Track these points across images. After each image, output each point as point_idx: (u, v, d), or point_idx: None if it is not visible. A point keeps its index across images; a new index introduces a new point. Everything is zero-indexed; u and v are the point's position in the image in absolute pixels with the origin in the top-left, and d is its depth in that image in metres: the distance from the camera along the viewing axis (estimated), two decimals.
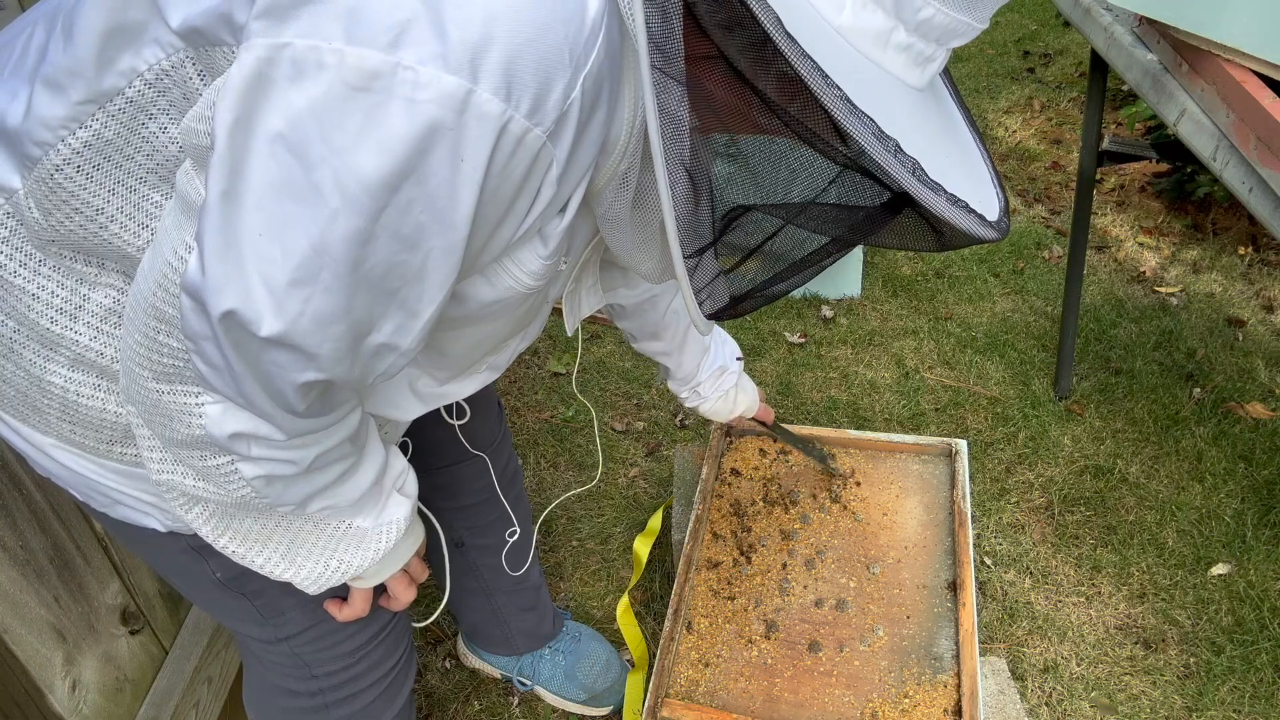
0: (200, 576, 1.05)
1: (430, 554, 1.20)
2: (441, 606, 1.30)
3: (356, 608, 1.08)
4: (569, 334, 1.19)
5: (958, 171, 0.74)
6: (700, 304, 0.82)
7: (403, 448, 1.16)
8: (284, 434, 0.79)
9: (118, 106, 0.76)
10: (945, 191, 0.67)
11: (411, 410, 1.03)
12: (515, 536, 1.59)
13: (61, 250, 0.82)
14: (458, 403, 1.34)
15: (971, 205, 0.69)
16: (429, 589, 1.93)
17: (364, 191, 0.62)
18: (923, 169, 0.66)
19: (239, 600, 1.07)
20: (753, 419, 1.68)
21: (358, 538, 0.97)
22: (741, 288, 0.84)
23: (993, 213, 0.74)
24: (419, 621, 1.36)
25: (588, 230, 0.91)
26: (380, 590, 1.10)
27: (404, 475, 1.02)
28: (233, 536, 0.91)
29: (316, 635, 1.12)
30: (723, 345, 1.53)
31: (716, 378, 1.52)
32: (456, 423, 1.35)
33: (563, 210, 0.77)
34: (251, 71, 0.60)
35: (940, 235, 0.73)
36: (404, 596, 1.10)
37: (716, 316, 0.84)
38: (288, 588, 0.99)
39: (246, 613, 1.09)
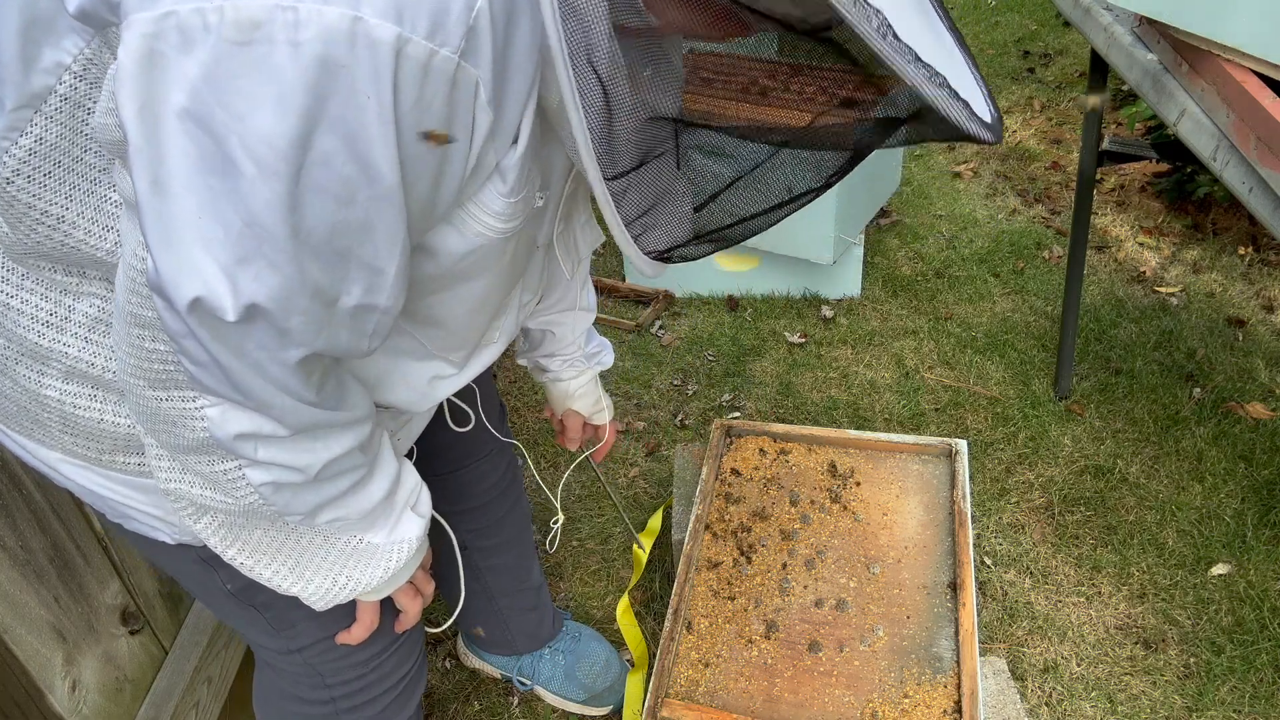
0: (211, 587, 1.04)
1: (443, 561, 1.20)
2: (454, 615, 1.29)
3: (365, 622, 1.06)
4: (569, 278, 1.08)
5: (947, 72, 0.66)
6: (636, 238, 0.73)
7: (408, 452, 1.15)
8: (287, 429, 0.77)
9: (53, 106, 0.72)
10: (928, 66, 0.58)
11: (431, 397, 1.00)
12: (559, 524, 1.53)
13: (39, 262, 0.80)
14: (461, 405, 1.33)
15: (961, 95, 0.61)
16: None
17: (273, 154, 0.58)
18: (893, 31, 0.57)
19: (249, 611, 1.07)
20: (592, 428, 1.51)
21: (368, 554, 0.95)
22: (690, 225, 0.73)
23: (986, 117, 0.67)
24: (433, 628, 1.35)
25: (563, 161, 0.84)
26: (388, 600, 1.09)
27: (417, 492, 1.00)
28: (241, 548, 0.90)
29: (329, 646, 1.11)
30: (601, 345, 1.42)
31: (575, 361, 1.39)
32: (457, 428, 1.34)
33: (515, 140, 0.71)
34: (140, 50, 0.56)
35: (921, 127, 0.64)
36: (411, 609, 1.09)
37: (664, 257, 0.75)
38: (296, 601, 0.97)
39: (257, 624, 1.08)
